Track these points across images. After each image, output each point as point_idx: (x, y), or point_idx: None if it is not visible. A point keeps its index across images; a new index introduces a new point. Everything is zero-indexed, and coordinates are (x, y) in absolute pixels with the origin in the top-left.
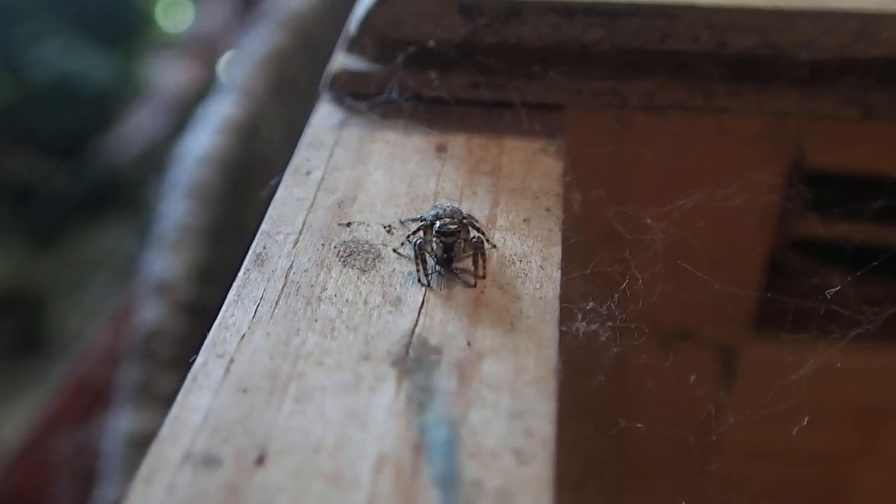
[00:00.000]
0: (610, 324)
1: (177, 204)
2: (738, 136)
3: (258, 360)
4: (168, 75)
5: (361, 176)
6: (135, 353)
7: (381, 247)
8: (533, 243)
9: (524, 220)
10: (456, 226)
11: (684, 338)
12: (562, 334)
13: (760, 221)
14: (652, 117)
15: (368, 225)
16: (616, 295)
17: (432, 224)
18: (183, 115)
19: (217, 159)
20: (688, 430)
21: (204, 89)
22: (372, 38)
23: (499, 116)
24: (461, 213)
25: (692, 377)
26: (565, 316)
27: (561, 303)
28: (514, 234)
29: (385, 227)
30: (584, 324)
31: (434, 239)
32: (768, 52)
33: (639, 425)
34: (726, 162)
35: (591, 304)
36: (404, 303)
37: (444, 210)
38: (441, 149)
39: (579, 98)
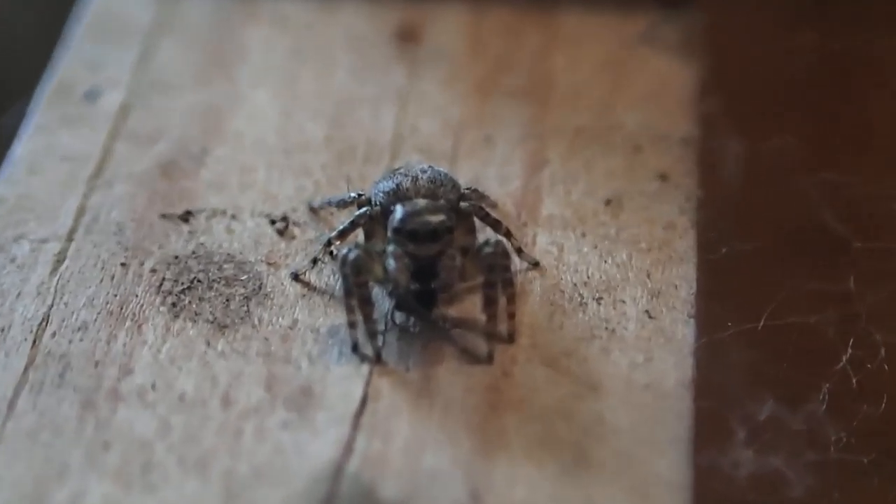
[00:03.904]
0: (811, 452)
1: None
2: None
3: None
4: None
5: (219, 103)
6: None
7: (264, 268)
8: (629, 256)
9: (607, 203)
10: (443, 217)
11: None
12: (702, 473)
13: None
14: None
15: (235, 217)
16: (827, 383)
17: (386, 214)
18: None
19: None
20: None
21: None
22: None
23: None
24: (456, 186)
25: None
26: (709, 428)
27: (697, 397)
28: (585, 234)
29: (275, 222)
30: (751, 451)
31: (391, 249)
32: None
33: None
34: None
35: (768, 405)
36: (321, 401)
37: (416, 180)
38: (409, 37)
39: None
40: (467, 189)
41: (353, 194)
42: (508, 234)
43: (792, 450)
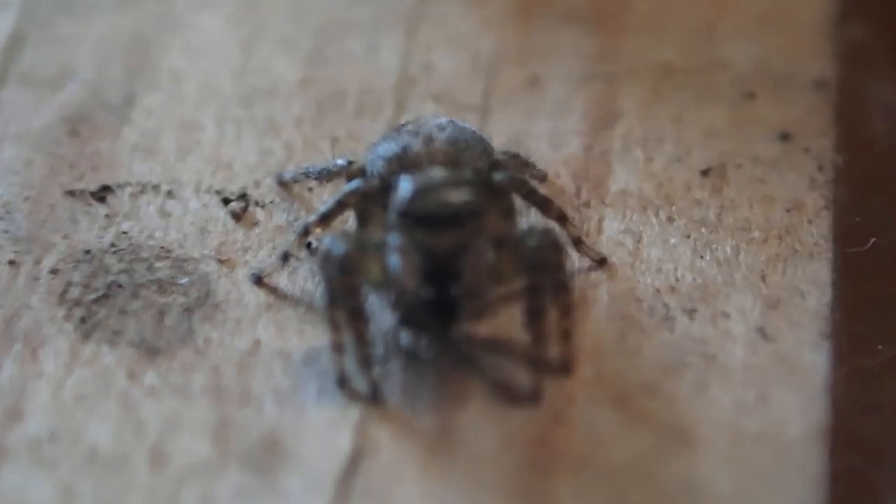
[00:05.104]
0: None
1: None
2: None
3: None
4: None
5: (149, 31)
6: None
7: (213, 267)
8: (735, 250)
9: (705, 174)
10: (468, 196)
11: None
12: None
13: None
14: None
15: (172, 194)
16: None
17: (387, 189)
18: None
19: None
20: None
21: None
22: None
23: None
24: (487, 149)
25: None
26: (851, 494)
27: (833, 451)
28: (672, 219)
29: (229, 202)
30: None
31: (395, 240)
32: None
33: None
34: None
35: None
36: (292, 458)
37: (430, 142)
38: None
39: None
40: (503, 154)
41: (340, 162)
42: (562, 219)
43: None
